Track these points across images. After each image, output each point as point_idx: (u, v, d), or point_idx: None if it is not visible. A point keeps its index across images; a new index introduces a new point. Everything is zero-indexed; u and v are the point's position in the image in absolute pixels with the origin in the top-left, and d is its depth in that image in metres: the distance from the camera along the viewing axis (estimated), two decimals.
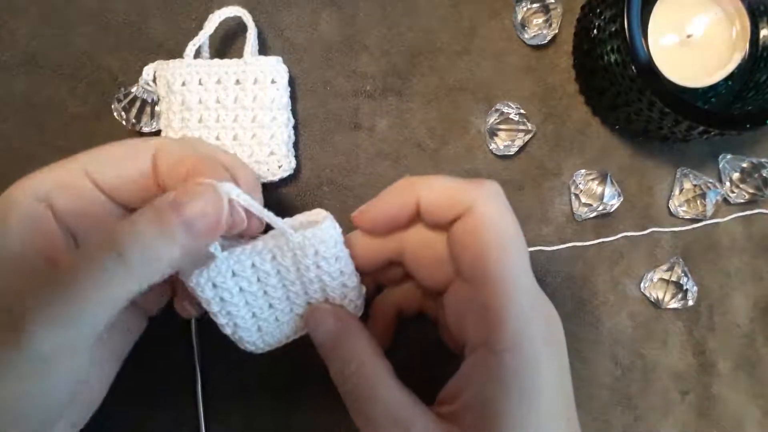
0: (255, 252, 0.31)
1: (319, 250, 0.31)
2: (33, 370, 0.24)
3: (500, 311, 0.27)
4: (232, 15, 0.38)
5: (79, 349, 0.25)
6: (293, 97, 0.40)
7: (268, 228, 0.31)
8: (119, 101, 0.38)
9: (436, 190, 0.31)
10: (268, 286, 0.32)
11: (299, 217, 0.32)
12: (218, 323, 0.32)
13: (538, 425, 0.27)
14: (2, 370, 0.24)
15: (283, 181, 0.39)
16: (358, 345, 0.31)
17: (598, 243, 0.42)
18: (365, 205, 0.32)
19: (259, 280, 0.31)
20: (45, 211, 0.27)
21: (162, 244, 0.25)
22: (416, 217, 0.32)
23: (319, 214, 0.32)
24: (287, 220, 0.31)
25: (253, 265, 0.31)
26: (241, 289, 0.31)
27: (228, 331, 0.32)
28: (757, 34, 0.40)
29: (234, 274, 0.30)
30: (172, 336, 0.38)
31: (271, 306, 0.33)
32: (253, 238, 0.31)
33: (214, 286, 0.30)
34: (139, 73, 0.38)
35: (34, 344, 0.24)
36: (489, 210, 0.29)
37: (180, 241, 0.25)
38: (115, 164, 0.29)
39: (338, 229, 0.31)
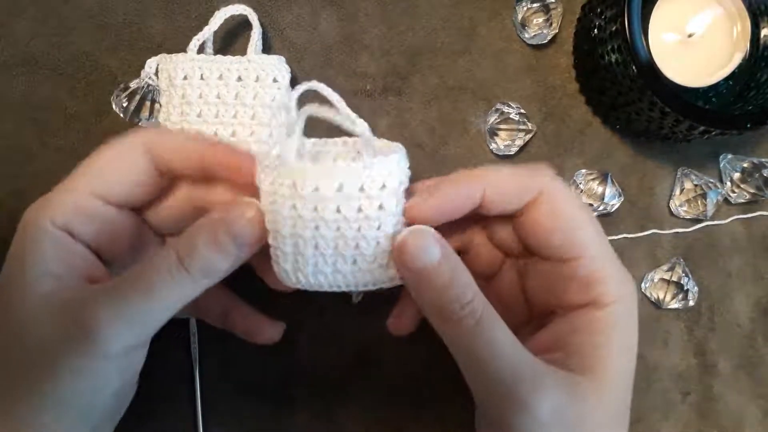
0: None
1: (386, 183, 0.27)
2: (102, 369, 0.27)
3: (602, 274, 0.30)
4: (237, 13, 0.38)
5: (141, 347, 0.29)
6: None
7: None
8: (118, 96, 0.39)
9: (503, 180, 0.31)
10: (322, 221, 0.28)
11: (377, 142, 0.29)
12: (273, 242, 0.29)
13: (630, 374, 0.30)
14: (75, 371, 0.27)
15: None
16: (466, 274, 0.28)
17: None
18: (420, 196, 0.29)
19: (315, 210, 0.27)
20: (68, 237, 0.29)
21: (219, 258, 0.28)
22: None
23: (390, 145, 0.29)
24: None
25: (317, 189, 0.27)
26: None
27: (288, 249, 0.29)
28: (758, 33, 0.40)
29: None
30: (171, 336, 0.38)
31: (316, 247, 0.29)
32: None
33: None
34: (139, 73, 0.38)
35: (107, 345, 0.26)
36: (561, 192, 0.30)
37: (232, 253, 0.28)
38: (117, 177, 0.30)
39: (406, 168, 0.28)
